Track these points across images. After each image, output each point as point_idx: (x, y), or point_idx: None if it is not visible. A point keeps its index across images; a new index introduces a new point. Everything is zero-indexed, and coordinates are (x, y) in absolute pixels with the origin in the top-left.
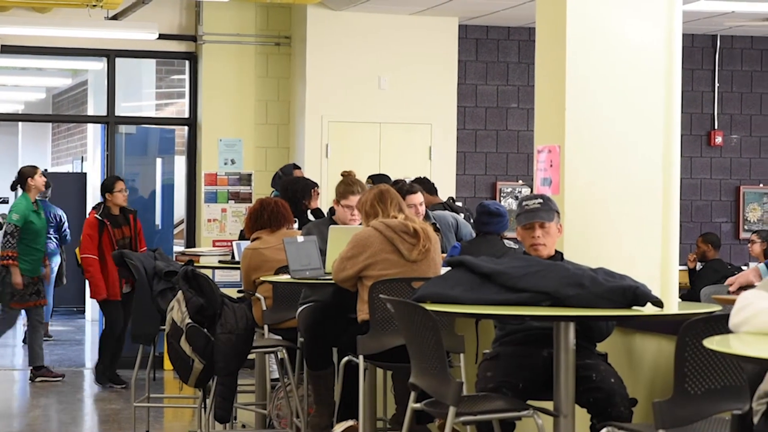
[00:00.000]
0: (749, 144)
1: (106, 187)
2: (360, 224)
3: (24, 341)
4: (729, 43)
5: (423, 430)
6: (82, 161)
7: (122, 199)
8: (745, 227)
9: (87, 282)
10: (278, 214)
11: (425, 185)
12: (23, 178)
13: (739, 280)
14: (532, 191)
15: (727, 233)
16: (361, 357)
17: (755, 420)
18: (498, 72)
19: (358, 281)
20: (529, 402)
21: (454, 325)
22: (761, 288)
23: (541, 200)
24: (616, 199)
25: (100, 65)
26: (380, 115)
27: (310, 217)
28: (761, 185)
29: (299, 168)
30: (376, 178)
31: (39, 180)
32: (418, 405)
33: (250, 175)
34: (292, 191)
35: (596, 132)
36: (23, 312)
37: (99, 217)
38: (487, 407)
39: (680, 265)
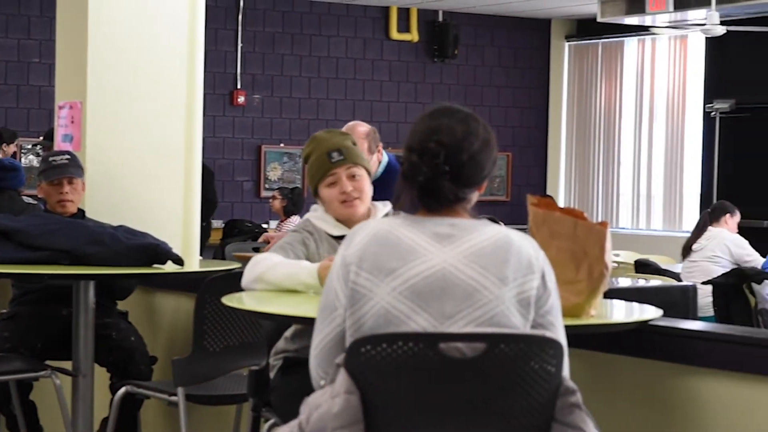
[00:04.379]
0: (271, 104)
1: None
2: None
3: None
4: (252, 4)
5: None
6: None
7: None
8: (266, 186)
9: None
10: None
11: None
12: None
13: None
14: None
15: (249, 191)
16: None
17: (271, 375)
18: (19, 25)
19: None
20: (49, 362)
21: None
22: (275, 250)
23: (68, 156)
24: (139, 157)
25: None
26: None
27: None
28: (282, 145)
29: None
30: None
31: None
32: None
33: None
34: None
35: (118, 89)
36: None
37: None
38: (2, 369)
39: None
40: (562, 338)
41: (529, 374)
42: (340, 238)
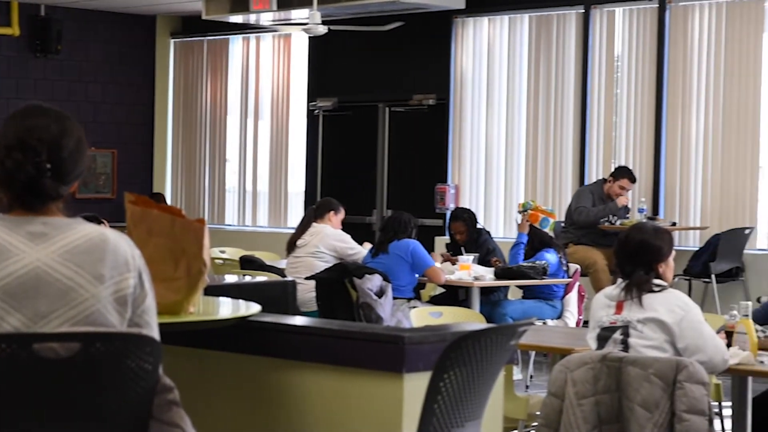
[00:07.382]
0: None
1: None
2: None
3: None
4: None
5: None
6: None
7: None
8: None
9: None
10: None
11: None
12: None
13: None
14: None
15: None
16: None
17: None
18: None
19: None
20: None
21: None
22: None
23: None
24: None
25: None
26: None
27: None
28: None
29: None
30: None
31: None
32: None
33: None
34: None
35: None
36: None
37: None
38: None
39: None
40: (157, 338)
41: (126, 373)
42: None
